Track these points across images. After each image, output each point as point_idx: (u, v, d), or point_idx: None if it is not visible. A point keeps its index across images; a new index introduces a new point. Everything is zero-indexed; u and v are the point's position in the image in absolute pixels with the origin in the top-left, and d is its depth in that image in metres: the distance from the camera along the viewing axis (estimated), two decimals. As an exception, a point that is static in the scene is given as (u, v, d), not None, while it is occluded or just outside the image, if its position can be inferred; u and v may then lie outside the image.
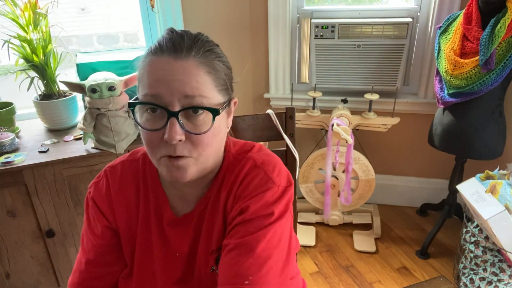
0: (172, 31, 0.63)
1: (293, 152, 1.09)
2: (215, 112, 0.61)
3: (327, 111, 2.11)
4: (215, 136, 0.64)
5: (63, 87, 1.69)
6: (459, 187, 1.51)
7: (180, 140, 0.60)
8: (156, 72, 0.60)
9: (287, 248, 0.67)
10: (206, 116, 0.62)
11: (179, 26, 1.99)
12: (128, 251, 0.76)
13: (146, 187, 0.75)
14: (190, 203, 0.74)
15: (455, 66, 1.60)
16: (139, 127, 0.64)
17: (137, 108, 0.64)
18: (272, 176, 0.69)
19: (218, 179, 0.72)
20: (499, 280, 1.45)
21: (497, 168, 1.53)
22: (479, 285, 1.49)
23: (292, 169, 1.10)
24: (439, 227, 1.98)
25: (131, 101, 0.63)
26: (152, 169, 0.75)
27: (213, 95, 0.62)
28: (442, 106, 1.74)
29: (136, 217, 0.75)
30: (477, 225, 1.51)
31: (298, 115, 2.05)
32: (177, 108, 0.59)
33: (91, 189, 0.77)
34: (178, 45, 0.60)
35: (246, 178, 0.69)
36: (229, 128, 0.71)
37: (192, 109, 0.60)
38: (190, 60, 0.60)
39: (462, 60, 1.57)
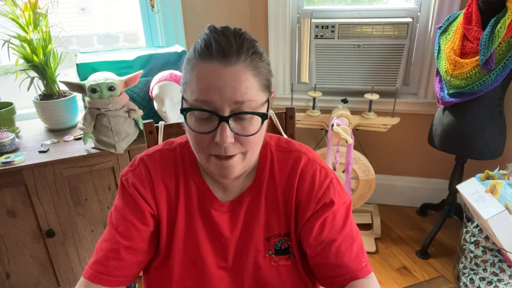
0: (215, 31, 0.64)
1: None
2: (264, 116, 0.65)
3: (327, 111, 2.11)
4: (261, 132, 0.68)
5: (63, 87, 1.69)
6: (459, 187, 1.51)
7: (230, 142, 0.63)
8: (206, 79, 0.62)
9: None
10: (254, 119, 0.65)
11: (179, 26, 1.99)
12: (165, 239, 0.76)
13: (186, 176, 0.77)
14: (230, 192, 0.77)
15: (455, 66, 1.60)
16: (187, 128, 0.67)
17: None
18: (326, 168, 0.77)
19: (264, 170, 0.77)
20: (499, 280, 1.45)
21: (497, 168, 1.53)
22: (479, 285, 1.49)
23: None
24: (439, 227, 1.98)
25: (183, 107, 0.65)
26: (192, 159, 0.77)
27: (258, 96, 0.65)
28: (442, 106, 1.74)
29: (176, 204, 0.76)
30: (477, 225, 1.51)
31: (298, 115, 2.05)
32: (227, 113, 0.62)
33: (128, 176, 0.75)
34: (227, 50, 0.61)
35: (307, 172, 0.75)
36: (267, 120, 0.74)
37: (241, 115, 0.64)
38: (239, 65, 0.62)
39: (462, 60, 1.57)
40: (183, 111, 0.65)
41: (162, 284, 0.77)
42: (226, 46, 0.61)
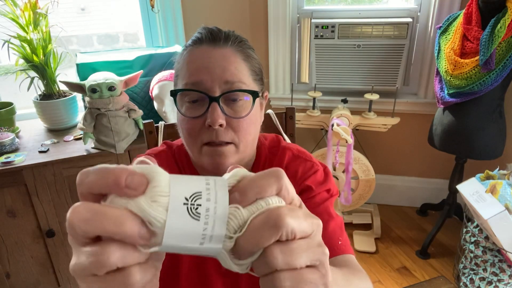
0: (206, 27, 0.68)
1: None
2: (255, 94, 0.65)
3: (327, 111, 2.11)
4: (253, 123, 0.67)
5: (63, 87, 1.69)
6: (459, 187, 1.51)
7: (221, 125, 0.62)
8: (196, 61, 0.63)
9: None
10: (245, 103, 0.65)
11: (179, 26, 1.99)
12: None
13: None
14: None
15: (455, 66, 1.60)
16: (179, 116, 0.66)
17: (177, 98, 0.66)
18: (312, 161, 0.77)
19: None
20: (499, 280, 1.45)
21: (497, 168, 1.53)
22: (479, 285, 1.49)
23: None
24: (439, 227, 1.98)
25: (173, 89, 0.66)
26: (189, 161, 0.77)
27: (249, 83, 0.65)
28: (442, 106, 1.74)
29: None
30: (477, 225, 1.51)
31: (298, 115, 2.05)
32: (217, 93, 0.62)
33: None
34: (216, 35, 0.64)
35: (290, 167, 0.74)
36: (262, 121, 0.73)
37: (232, 97, 0.63)
38: (228, 47, 0.64)
39: (462, 60, 1.57)
40: (172, 94, 0.65)
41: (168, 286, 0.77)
42: (215, 32, 0.65)
